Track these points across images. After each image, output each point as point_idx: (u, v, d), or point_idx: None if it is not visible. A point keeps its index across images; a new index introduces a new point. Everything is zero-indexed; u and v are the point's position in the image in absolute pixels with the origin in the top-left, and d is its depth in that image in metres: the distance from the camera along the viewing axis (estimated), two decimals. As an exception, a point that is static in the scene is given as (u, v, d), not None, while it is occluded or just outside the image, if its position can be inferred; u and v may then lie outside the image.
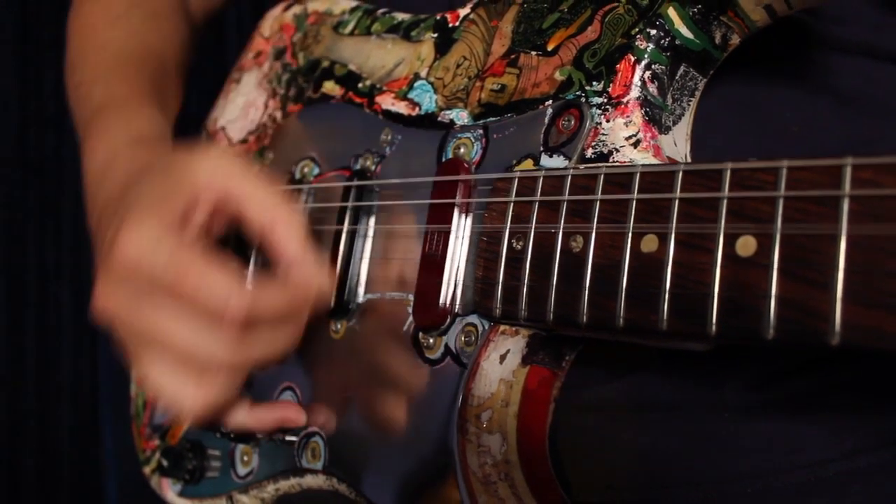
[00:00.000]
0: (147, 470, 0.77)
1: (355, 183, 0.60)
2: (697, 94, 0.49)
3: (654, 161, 0.45)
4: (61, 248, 1.90)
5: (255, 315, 0.46)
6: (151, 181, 0.52)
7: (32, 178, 1.88)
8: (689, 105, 0.49)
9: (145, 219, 0.48)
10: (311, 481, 0.60)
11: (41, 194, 1.90)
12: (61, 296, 1.89)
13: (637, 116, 0.46)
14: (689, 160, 0.49)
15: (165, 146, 0.65)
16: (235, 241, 0.57)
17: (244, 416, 0.54)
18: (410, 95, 0.60)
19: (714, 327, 0.37)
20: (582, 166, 0.46)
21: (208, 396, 0.48)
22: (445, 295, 0.51)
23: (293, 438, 0.61)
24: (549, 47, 0.51)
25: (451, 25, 0.60)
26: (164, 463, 0.70)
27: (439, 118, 0.57)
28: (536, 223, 0.46)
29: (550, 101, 0.50)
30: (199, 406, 0.48)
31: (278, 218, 0.49)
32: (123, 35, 0.75)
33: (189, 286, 0.46)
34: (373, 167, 0.61)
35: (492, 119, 0.53)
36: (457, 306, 0.51)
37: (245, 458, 0.65)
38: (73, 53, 0.77)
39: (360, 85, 0.65)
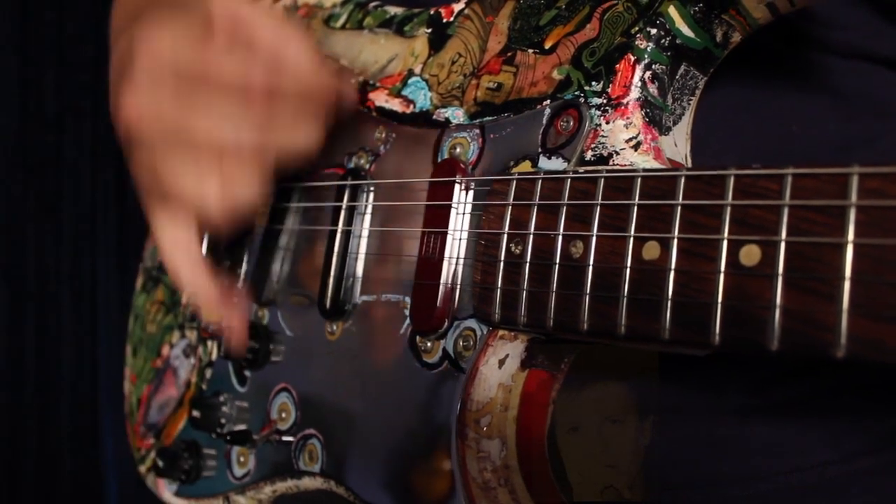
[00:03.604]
0: (142, 469, 0.77)
1: (349, 182, 0.59)
2: (698, 92, 0.48)
3: (655, 164, 0.45)
4: (61, 249, 1.89)
5: (278, 86, 0.49)
6: (173, 11, 0.53)
7: (32, 178, 1.86)
8: (689, 104, 0.48)
9: (168, 23, 0.50)
10: (308, 483, 0.59)
11: (41, 194, 1.88)
12: (61, 296, 1.88)
13: (637, 118, 0.45)
14: (689, 160, 0.48)
15: None
16: (227, 247, 0.57)
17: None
18: (404, 92, 0.59)
19: (717, 337, 0.37)
20: (581, 169, 0.45)
21: (230, 190, 0.50)
22: (443, 299, 0.50)
23: (290, 439, 0.61)
24: (547, 45, 0.50)
25: (445, 21, 0.58)
26: (160, 463, 0.69)
27: (434, 116, 0.56)
28: (535, 227, 0.45)
29: (548, 101, 0.49)
30: (222, 204, 0.50)
31: (288, 35, 0.51)
32: None
33: (214, 69, 0.48)
34: (367, 166, 0.60)
35: (488, 118, 0.52)
36: (455, 310, 0.50)
37: (241, 460, 0.65)
38: None
39: (352, 81, 0.64)
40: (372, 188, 0.59)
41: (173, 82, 0.49)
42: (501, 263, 0.47)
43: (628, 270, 0.40)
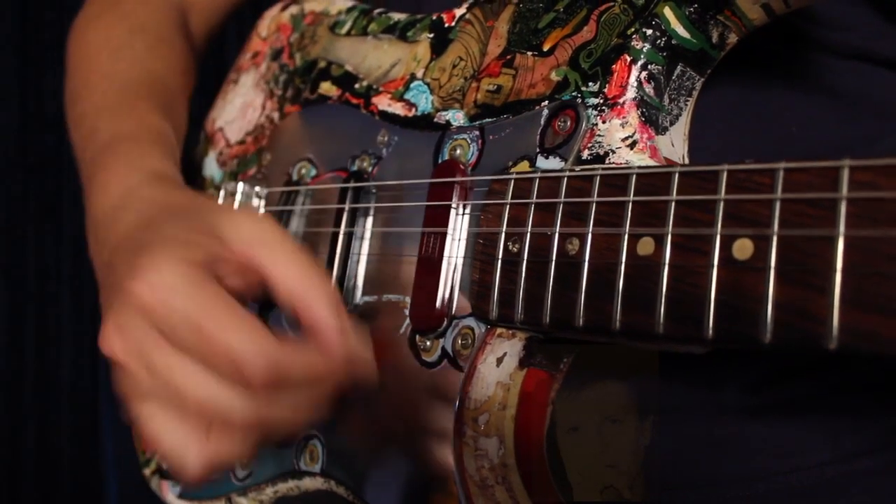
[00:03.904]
0: (147, 472, 0.77)
1: (352, 185, 0.60)
2: (695, 93, 0.49)
3: (651, 162, 0.45)
4: (61, 248, 1.90)
5: (286, 377, 0.42)
6: (176, 224, 0.48)
7: (32, 178, 1.88)
8: (686, 105, 0.49)
9: (164, 258, 0.43)
10: (309, 484, 0.60)
11: (41, 194, 1.90)
12: (61, 296, 1.89)
13: (633, 117, 0.46)
14: (686, 161, 0.49)
15: (184, 186, 0.60)
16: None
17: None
18: (407, 96, 0.60)
19: (711, 331, 0.37)
20: (578, 168, 0.46)
21: (215, 455, 0.43)
22: (442, 297, 0.51)
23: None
24: (545, 47, 0.51)
25: (446, 26, 0.59)
26: (164, 466, 0.70)
27: (435, 119, 0.57)
28: (532, 225, 0.46)
29: (546, 102, 0.50)
30: (202, 464, 0.42)
31: (312, 289, 0.44)
32: (127, 65, 0.72)
33: (210, 334, 0.41)
34: (369, 168, 0.60)
35: (488, 120, 0.53)
36: (453, 309, 0.50)
37: (243, 461, 0.65)
38: (74, 83, 0.73)
39: (356, 86, 0.65)
40: (374, 190, 0.59)
41: (166, 332, 0.42)
42: (499, 262, 0.47)
43: (623, 266, 0.41)
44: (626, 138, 0.46)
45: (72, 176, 1.91)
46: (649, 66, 0.46)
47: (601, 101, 0.47)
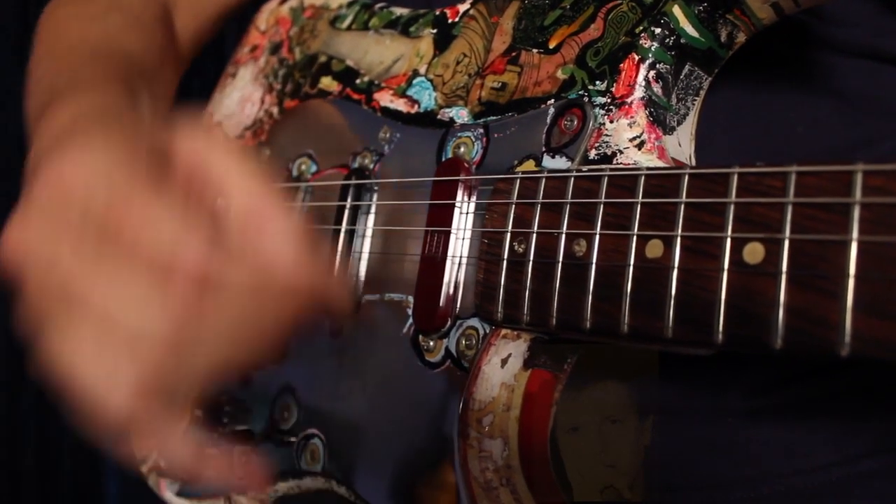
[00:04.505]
0: (144, 469, 0.77)
1: (353, 182, 0.59)
2: (702, 93, 0.48)
3: (659, 163, 0.45)
4: None
5: (220, 283, 0.34)
6: (118, 120, 0.41)
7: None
8: (693, 105, 0.48)
9: (96, 148, 0.36)
10: (309, 483, 0.59)
11: None
12: (62, 296, 1.88)
13: (641, 117, 0.45)
14: (693, 161, 0.48)
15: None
16: None
17: (186, 453, 0.39)
18: (409, 92, 0.59)
19: (721, 336, 0.37)
20: (585, 168, 0.45)
21: (145, 381, 0.33)
22: (446, 297, 0.50)
23: (292, 439, 0.60)
24: (551, 45, 0.50)
25: (450, 21, 0.59)
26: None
27: (439, 116, 0.56)
28: (538, 226, 0.45)
29: (552, 101, 0.49)
30: (126, 393, 0.33)
31: (264, 210, 0.37)
32: (98, 36, 0.63)
33: (132, 224, 0.34)
34: (371, 165, 0.60)
35: (492, 118, 0.52)
36: (457, 309, 0.50)
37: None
38: (39, 51, 0.66)
39: (357, 81, 0.64)
40: (376, 187, 0.59)
41: (78, 229, 0.34)
42: (504, 262, 0.47)
43: (631, 269, 0.40)
44: (634, 138, 0.45)
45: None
46: (657, 66, 0.46)
47: (609, 100, 0.46)
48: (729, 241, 0.37)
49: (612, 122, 0.46)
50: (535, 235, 0.45)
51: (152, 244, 0.34)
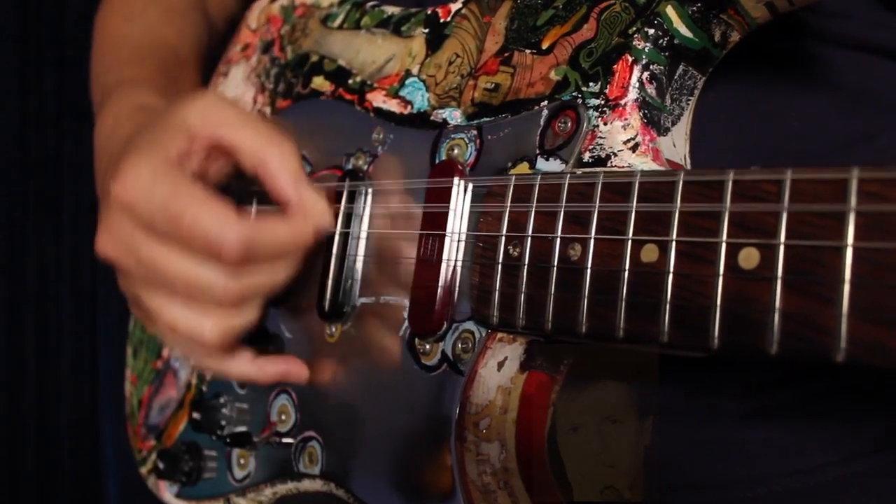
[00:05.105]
0: (143, 470, 0.77)
1: (347, 184, 0.59)
2: (696, 92, 0.48)
3: (654, 166, 0.44)
4: (61, 248, 1.88)
5: (254, 249, 0.48)
6: (150, 131, 0.53)
7: (32, 178, 1.86)
8: (687, 104, 0.48)
9: (141, 160, 0.49)
10: (308, 486, 0.59)
11: (41, 194, 1.88)
12: (61, 296, 1.88)
13: (635, 119, 0.45)
14: (688, 160, 0.48)
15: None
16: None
17: (247, 366, 0.55)
18: (402, 93, 0.59)
19: (716, 341, 0.37)
20: (579, 171, 0.45)
21: (223, 325, 0.49)
22: (441, 300, 0.50)
23: (290, 441, 0.60)
24: (544, 45, 0.50)
25: (442, 21, 0.58)
26: (161, 465, 0.69)
27: (432, 117, 0.56)
28: (533, 230, 0.45)
29: (546, 102, 0.49)
30: (217, 335, 0.49)
31: (270, 155, 0.50)
32: (139, 30, 0.77)
33: (186, 221, 0.46)
34: (365, 167, 0.60)
35: (486, 119, 0.52)
36: (453, 312, 0.50)
37: (241, 462, 0.65)
38: (94, 52, 0.79)
39: (350, 81, 0.64)
40: (370, 190, 0.58)
41: (148, 225, 0.48)
42: (499, 266, 0.46)
43: (626, 273, 0.40)
44: (628, 140, 0.45)
45: (72, 176, 1.89)
46: (651, 67, 0.45)
47: (602, 101, 0.46)
48: (724, 245, 0.37)
49: (605, 124, 0.46)
50: (529, 239, 0.45)
51: (202, 232, 0.47)
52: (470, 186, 0.51)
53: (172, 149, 0.50)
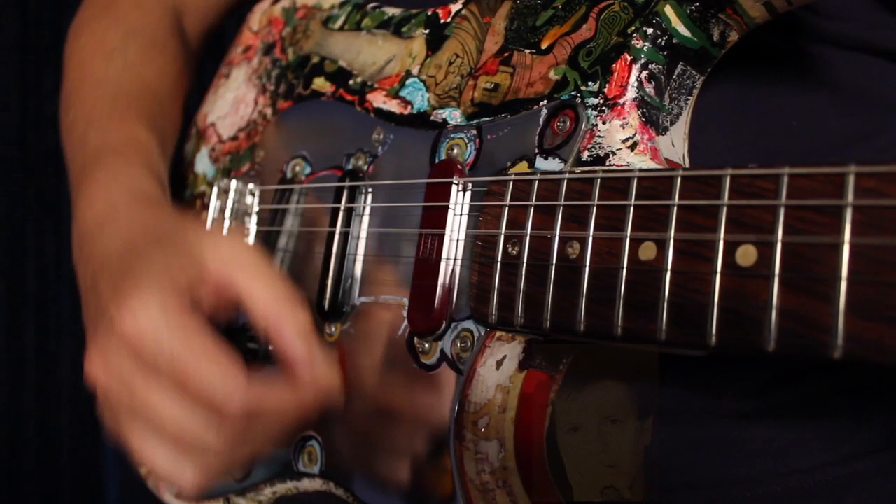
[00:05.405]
0: (143, 471, 0.77)
1: (347, 184, 0.59)
2: (695, 92, 0.48)
3: (652, 164, 0.44)
4: (61, 248, 1.88)
5: (257, 415, 0.45)
6: (160, 251, 0.50)
7: (32, 178, 1.86)
8: (686, 104, 0.48)
9: (152, 293, 0.46)
10: (307, 485, 0.59)
11: (41, 194, 1.88)
12: (61, 296, 1.88)
13: (634, 118, 0.45)
14: (687, 160, 0.48)
15: (167, 206, 0.61)
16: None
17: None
18: (402, 93, 0.59)
19: (714, 339, 0.37)
20: (578, 170, 0.45)
21: (205, 475, 0.46)
22: (440, 300, 0.50)
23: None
24: (543, 45, 0.50)
25: (442, 21, 0.58)
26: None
27: (432, 117, 0.56)
28: (532, 228, 0.45)
29: (545, 102, 0.49)
30: (197, 484, 0.46)
31: (284, 316, 0.46)
32: (119, 71, 0.73)
33: (193, 378, 0.44)
34: (365, 167, 0.60)
35: (485, 119, 0.52)
36: (452, 311, 0.50)
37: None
38: (68, 87, 0.74)
39: (350, 82, 0.64)
40: (370, 189, 0.59)
41: (150, 367, 0.45)
42: (498, 264, 0.47)
43: (625, 271, 0.40)
44: (627, 139, 0.45)
45: (72, 176, 1.89)
46: (650, 66, 0.45)
47: (601, 101, 0.46)
48: (722, 243, 0.37)
49: (604, 123, 0.46)
50: (528, 238, 0.45)
51: (209, 393, 0.44)
52: (469, 186, 0.51)
53: (182, 280, 0.47)
